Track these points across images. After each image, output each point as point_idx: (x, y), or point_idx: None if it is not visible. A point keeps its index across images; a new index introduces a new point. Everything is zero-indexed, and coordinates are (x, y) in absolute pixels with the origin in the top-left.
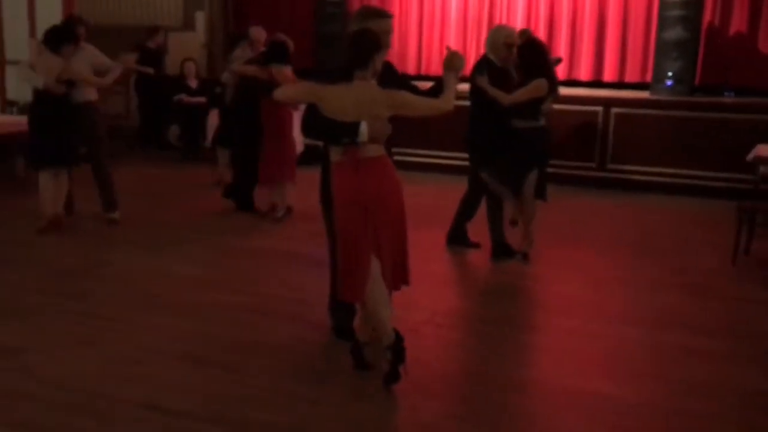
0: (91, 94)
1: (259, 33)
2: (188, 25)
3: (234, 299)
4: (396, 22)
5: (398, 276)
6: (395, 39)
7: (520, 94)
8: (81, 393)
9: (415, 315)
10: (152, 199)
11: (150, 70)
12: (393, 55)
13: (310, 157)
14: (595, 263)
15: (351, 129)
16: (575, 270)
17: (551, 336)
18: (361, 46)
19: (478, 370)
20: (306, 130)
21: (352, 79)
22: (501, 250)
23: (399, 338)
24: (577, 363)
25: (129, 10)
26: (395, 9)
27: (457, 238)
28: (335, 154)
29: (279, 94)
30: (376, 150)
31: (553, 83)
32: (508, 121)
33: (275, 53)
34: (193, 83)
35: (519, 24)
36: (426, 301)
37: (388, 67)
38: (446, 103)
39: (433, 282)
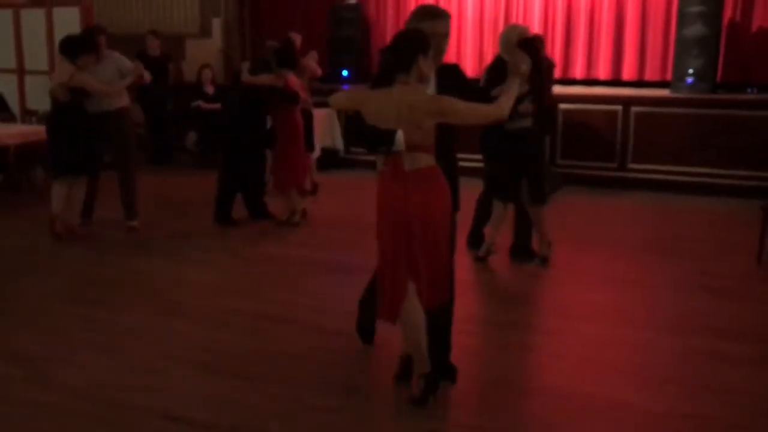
0: (121, 101)
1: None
2: (205, 31)
3: (254, 307)
4: None
5: (434, 294)
6: None
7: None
8: (101, 403)
9: None
10: (171, 207)
11: (146, 78)
12: None
13: (328, 162)
14: (616, 266)
15: (387, 137)
16: (596, 273)
17: (572, 341)
18: (402, 48)
19: (498, 377)
20: (347, 137)
21: (393, 83)
22: (522, 252)
23: (434, 369)
24: (599, 369)
25: (147, 18)
26: (411, 9)
27: (477, 241)
28: (379, 164)
29: (332, 101)
30: (423, 161)
31: (540, 84)
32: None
33: (284, 58)
34: (210, 89)
35: (536, 23)
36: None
37: (452, 70)
38: (500, 109)
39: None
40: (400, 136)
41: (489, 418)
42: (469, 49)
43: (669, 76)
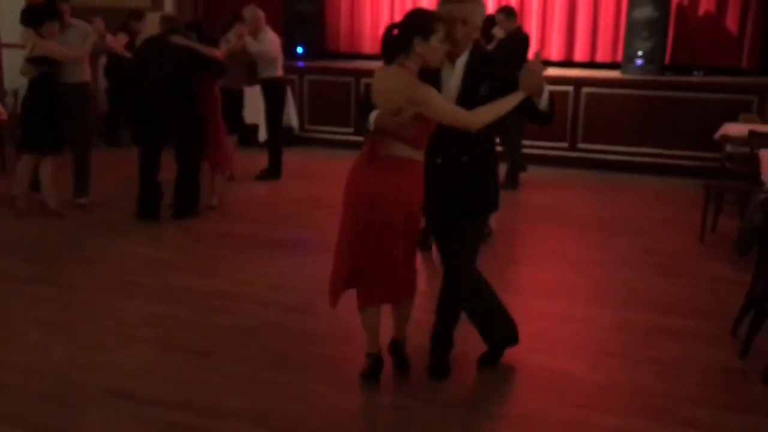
0: (82, 75)
1: (248, 12)
2: (157, 6)
3: (208, 285)
4: (368, 1)
5: (369, 291)
6: (367, 18)
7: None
8: (51, 381)
9: None
10: (121, 184)
11: (128, 54)
12: (365, 35)
13: (284, 140)
14: (566, 243)
15: (366, 114)
16: (547, 250)
17: (522, 316)
18: (401, 28)
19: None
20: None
21: (392, 62)
22: None
23: (380, 356)
24: (548, 343)
25: None
26: None
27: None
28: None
29: None
30: (398, 150)
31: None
32: None
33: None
34: None
35: (490, 6)
36: None
37: (489, 60)
38: (473, 121)
39: None
40: (373, 115)
41: (439, 389)
42: None
43: (620, 58)
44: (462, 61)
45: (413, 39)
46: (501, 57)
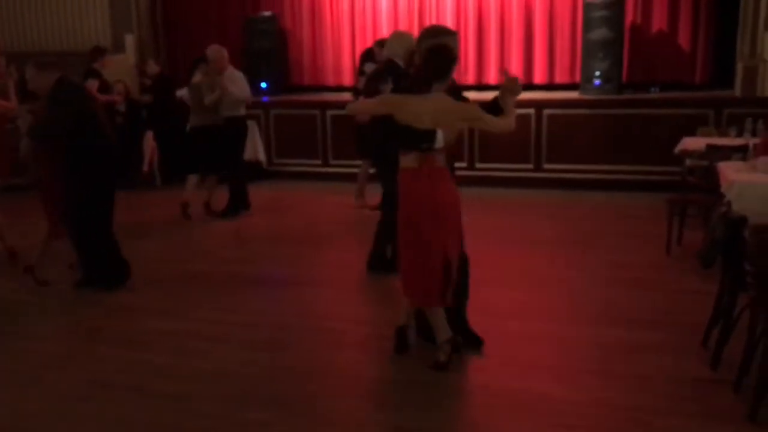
0: None
1: (212, 52)
2: (117, 47)
3: (179, 327)
4: (329, 35)
5: (414, 288)
6: (329, 51)
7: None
8: None
9: (364, 329)
10: None
11: (116, 99)
12: (328, 68)
13: (253, 175)
14: (536, 263)
15: (428, 136)
16: (517, 272)
17: (495, 340)
18: (441, 59)
19: (424, 379)
20: (383, 138)
21: (430, 90)
22: (379, 262)
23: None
24: (522, 365)
25: (53, 35)
26: (327, 21)
27: (378, 264)
28: (408, 161)
29: (353, 108)
30: (442, 161)
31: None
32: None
33: None
34: (123, 107)
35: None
36: (371, 314)
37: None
38: (510, 125)
39: (379, 294)
40: (440, 135)
41: (417, 418)
42: None
43: (578, 78)
44: None
45: (452, 68)
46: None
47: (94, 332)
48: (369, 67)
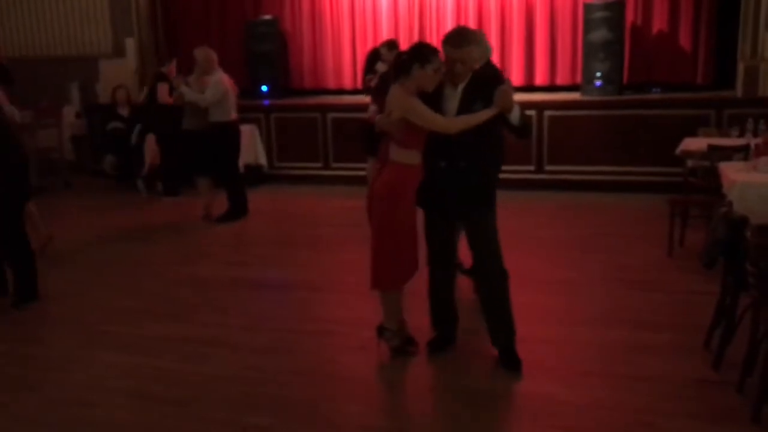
0: None
1: (198, 53)
2: (118, 52)
3: (183, 331)
4: (329, 38)
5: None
6: (329, 54)
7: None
8: None
9: (365, 332)
10: (91, 232)
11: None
12: (329, 71)
13: (253, 179)
14: (538, 265)
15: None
16: (520, 273)
17: None
18: (405, 55)
19: (429, 384)
20: None
21: (396, 82)
22: None
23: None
24: (527, 368)
25: (54, 40)
26: (327, 24)
27: None
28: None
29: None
30: (397, 156)
31: None
32: None
33: None
34: (125, 111)
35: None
36: (376, 318)
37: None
38: (451, 124)
39: None
40: (379, 117)
41: (419, 422)
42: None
43: (579, 80)
44: (462, 86)
45: (413, 65)
46: (495, 80)
47: (96, 336)
48: (381, 67)
